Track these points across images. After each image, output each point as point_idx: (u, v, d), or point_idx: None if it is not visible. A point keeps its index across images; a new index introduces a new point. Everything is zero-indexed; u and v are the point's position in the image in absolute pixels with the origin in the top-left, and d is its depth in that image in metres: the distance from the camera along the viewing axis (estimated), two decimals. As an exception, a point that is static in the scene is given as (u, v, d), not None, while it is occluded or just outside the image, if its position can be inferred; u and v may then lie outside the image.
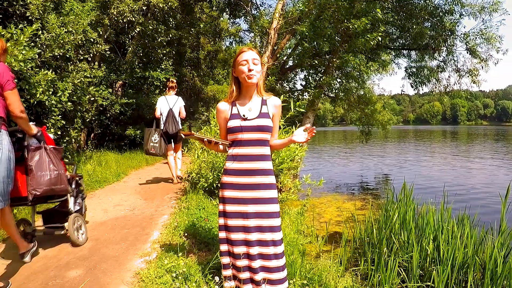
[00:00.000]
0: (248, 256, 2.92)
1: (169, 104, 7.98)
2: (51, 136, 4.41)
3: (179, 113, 8.07)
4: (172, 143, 8.30)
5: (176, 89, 8.32)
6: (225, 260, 3.02)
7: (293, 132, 7.43)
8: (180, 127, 8.05)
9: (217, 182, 6.80)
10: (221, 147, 2.97)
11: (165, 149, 8.01)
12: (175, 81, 8.45)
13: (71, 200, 4.61)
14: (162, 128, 7.95)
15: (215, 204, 6.35)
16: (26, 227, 4.47)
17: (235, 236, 2.94)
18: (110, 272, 3.72)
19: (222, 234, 3.02)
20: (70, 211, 4.54)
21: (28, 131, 3.84)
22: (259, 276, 2.87)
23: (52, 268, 3.81)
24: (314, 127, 2.92)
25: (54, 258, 4.10)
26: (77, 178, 4.86)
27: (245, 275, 2.94)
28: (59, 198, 4.42)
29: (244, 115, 2.91)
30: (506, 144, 35.98)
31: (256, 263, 2.89)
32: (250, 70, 2.82)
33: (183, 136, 2.69)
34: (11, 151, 3.45)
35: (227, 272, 3.01)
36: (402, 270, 4.60)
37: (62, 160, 4.40)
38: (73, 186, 4.73)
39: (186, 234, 4.73)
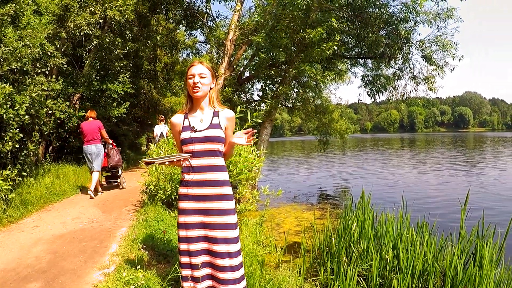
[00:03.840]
0: (211, 265, 3.01)
1: (161, 129, 13.43)
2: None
3: (166, 135, 12.85)
4: None
5: (164, 121, 13.82)
6: (185, 272, 3.02)
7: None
8: None
9: (175, 194, 6.85)
10: (186, 162, 3.03)
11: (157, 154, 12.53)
12: (163, 116, 14.41)
13: (120, 170, 10.44)
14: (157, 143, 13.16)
15: (174, 216, 6.43)
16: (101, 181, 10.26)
17: (193, 247, 2.99)
18: (68, 285, 3.80)
19: (182, 246, 3.01)
20: (120, 175, 10.43)
21: (108, 141, 9.65)
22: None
23: (10, 281, 3.87)
24: (255, 130, 3.06)
25: (12, 272, 4.16)
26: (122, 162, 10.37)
27: (204, 284, 3.00)
28: (116, 169, 10.27)
29: (193, 127, 3.03)
30: (464, 151, 37.24)
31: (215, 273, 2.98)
32: (195, 84, 2.97)
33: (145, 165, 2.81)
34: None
35: (187, 284, 3.03)
36: (362, 279, 4.74)
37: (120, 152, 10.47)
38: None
39: (144, 246, 4.78)
